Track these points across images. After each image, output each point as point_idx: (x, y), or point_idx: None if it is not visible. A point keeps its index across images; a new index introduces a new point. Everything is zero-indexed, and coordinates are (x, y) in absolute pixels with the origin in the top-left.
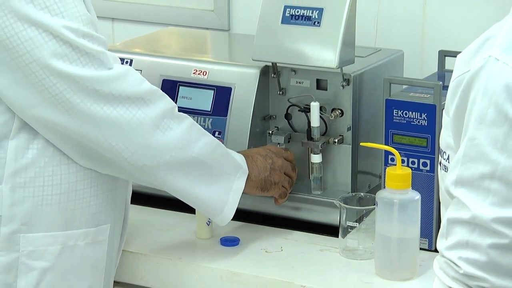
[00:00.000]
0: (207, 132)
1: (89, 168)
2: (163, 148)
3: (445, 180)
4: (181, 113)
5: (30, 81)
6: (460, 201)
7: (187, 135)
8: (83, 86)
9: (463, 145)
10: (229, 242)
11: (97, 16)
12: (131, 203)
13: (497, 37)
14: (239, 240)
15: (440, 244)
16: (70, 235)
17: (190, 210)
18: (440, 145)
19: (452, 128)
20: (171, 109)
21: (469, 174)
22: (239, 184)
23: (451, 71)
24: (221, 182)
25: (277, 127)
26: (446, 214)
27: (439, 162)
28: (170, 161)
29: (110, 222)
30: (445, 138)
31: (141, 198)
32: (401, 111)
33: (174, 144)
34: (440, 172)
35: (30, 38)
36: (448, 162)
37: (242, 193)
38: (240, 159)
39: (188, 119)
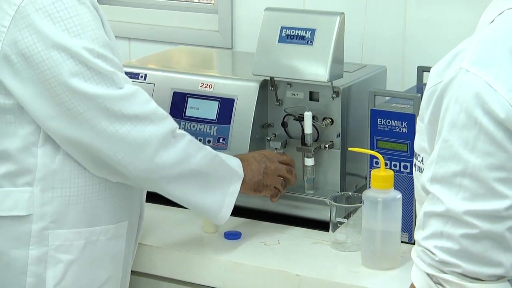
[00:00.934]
0: (205, 146)
1: (101, 177)
2: (165, 164)
3: (421, 178)
4: (181, 131)
5: (49, 95)
6: (435, 196)
7: (187, 150)
8: (95, 103)
9: (437, 146)
10: (232, 236)
11: (116, 36)
12: (146, 201)
13: (467, 51)
14: (241, 234)
15: (417, 234)
16: (92, 231)
17: None
18: (415, 149)
19: (427, 133)
20: (174, 129)
21: (443, 172)
22: (235, 188)
23: None
24: (218, 187)
25: (275, 134)
26: (423, 208)
27: (414, 164)
28: (171, 174)
29: (128, 219)
30: (420, 142)
31: (156, 197)
32: (384, 120)
33: (176, 160)
34: (415, 173)
35: (50, 56)
36: (422, 164)
37: (238, 193)
38: (236, 164)
39: (188, 136)
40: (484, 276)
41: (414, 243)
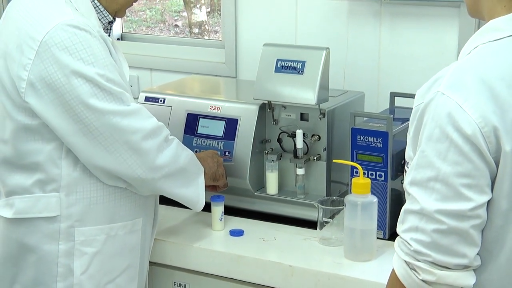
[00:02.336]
0: (185, 146)
1: (112, 185)
2: (163, 164)
3: (404, 182)
4: (171, 136)
5: (69, 114)
6: (413, 197)
7: (176, 151)
8: (108, 118)
9: (416, 155)
10: (236, 233)
11: (139, 67)
12: (166, 204)
13: (444, 78)
14: (243, 231)
15: (398, 228)
16: (112, 227)
17: (207, 209)
18: (405, 158)
19: (412, 144)
20: (167, 136)
21: (420, 177)
22: (202, 179)
23: (399, 108)
24: (193, 180)
25: (272, 148)
26: (403, 206)
27: (404, 170)
28: (167, 173)
29: (142, 217)
30: (408, 152)
31: (172, 200)
32: (363, 137)
33: (169, 160)
34: (405, 177)
35: (69, 82)
36: (408, 169)
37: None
38: (197, 160)
39: (175, 140)
40: (451, 265)
41: (388, 239)
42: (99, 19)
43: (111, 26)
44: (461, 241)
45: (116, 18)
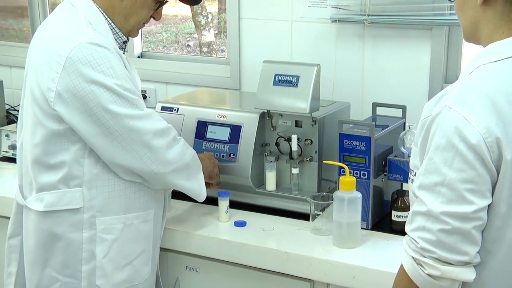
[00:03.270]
0: (189, 145)
1: (128, 180)
2: (173, 159)
3: (412, 187)
4: (178, 136)
5: (92, 119)
6: (421, 199)
7: (182, 149)
8: (126, 121)
9: (424, 162)
10: (240, 224)
11: (156, 81)
12: (178, 199)
13: (451, 93)
14: (246, 223)
15: (407, 227)
16: (128, 217)
17: (215, 203)
18: (410, 166)
19: (419, 153)
20: (175, 135)
21: (427, 182)
22: (201, 174)
23: (380, 116)
24: (195, 175)
25: (270, 151)
26: (412, 208)
27: (409, 177)
28: (176, 168)
29: (154, 208)
30: (413, 161)
31: (184, 195)
32: (349, 141)
33: (178, 156)
34: (410, 184)
35: (92, 91)
36: (414, 176)
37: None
38: (198, 159)
39: (182, 139)
40: (454, 262)
41: (371, 229)
42: (115, 39)
43: (125, 45)
44: (464, 240)
45: (130, 38)
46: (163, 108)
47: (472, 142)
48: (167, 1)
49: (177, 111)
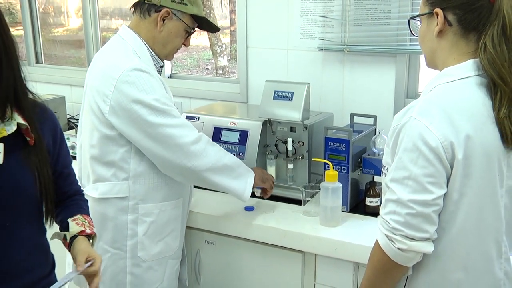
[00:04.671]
0: (228, 152)
1: (171, 177)
2: (208, 159)
3: (385, 179)
4: (212, 142)
5: (137, 128)
6: (392, 190)
7: (219, 152)
8: (164, 129)
9: (395, 161)
10: (249, 208)
11: (182, 96)
12: (202, 189)
13: (415, 107)
14: (254, 208)
15: (381, 211)
16: (163, 204)
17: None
18: (383, 162)
19: (391, 153)
20: (208, 140)
21: (397, 176)
22: (251, 179)
23: (356, 123)
24: (241, 178)
25: (271, 150)
26: (385, 196)
27: (382, 171)
28: (212, 167)
29: (182, 198)
30: (385, 159)
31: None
32: (332, 143)
33: (212, 157)
34: (383, 177)
35: (134, 106)
36: (386, 171)
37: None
38: (250, 168)
39: (217, 145)
40: (417, 238)
41: (349, 212)
42: (154, 64)
43: (162, 69)
44: (425, 221)
45: (165, 62)
46: (187, 117)
47: (432, 145)
48: (195, 31)
49: (198, 119)
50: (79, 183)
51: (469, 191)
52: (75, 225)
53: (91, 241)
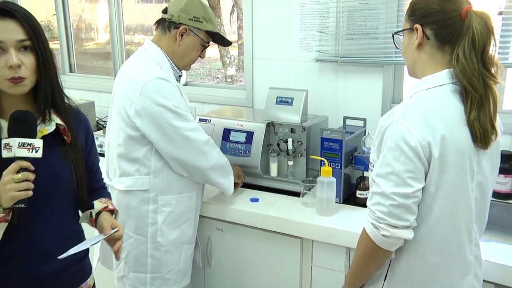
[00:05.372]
0: (222, 153)
1: (178, 173)
2: (211, 159)
3: (371, 174)
4: (214, 144)
5: (158, 129)
6: (377, 184)
7: (219, 154)
8: (181, 131)
9: (380, 158)
10: (254, 200)
11: (196, 101)
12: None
13: (398, 111)
14: (258, 199)
15: (368, 203)
16: (180, 196)
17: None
18: (370, 159)
19: (376, 151)
20: (213, 142)
21: (382, 172)
22: (232, 177)
23: (349, 125)
24: (228, 175)
25: (273, 149)
26: (371, 189)
27: (369, 167)
28: (214, 166)
29: (196, 191)
30: (372, 157)
31: None
32: (327, 142)
33: (216, 157)
34: (370, 172)
35: (158, 110)
36: (373, 167)
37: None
38: (230, 166)
39: (217, 147)
40: (399, 226)
41: (342, 203)
42: (174, 74)
43: (180, 78)
44: (406, 211)
45: (183, 71)
46: (200, 120)
47: (412, 144)
48: (209, 45)
49: (210, 122)
50: (104, 180)
51: (444, 185)
52: (99, 203)
53: (113, 216)
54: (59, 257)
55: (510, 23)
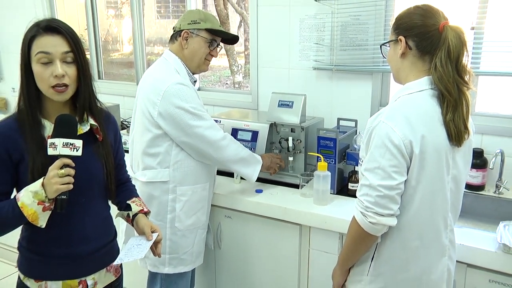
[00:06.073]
0: (244, 147)
1: (199, 161)
2: (229, 153)
3: (360, 169)
4: (235, 140)
5: (179, 128)
6: (366, 177)
7: (238, 148)
8: (198, 129)
9: (368, 155)
10: (258, 191)
11: (208, 104)
12: (222, 175)
13: (383, 113)
14: (262, 190)
15: (357, 193)
16: (195, 187)
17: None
18: (360, 156)
19: (365, 148)
20: (231, 138)
21: (370, 167)
22: (258, 166)
23: (342, 125)
24: (252, 166)
25: (275, 146)
26: (360, 182)
27: (359, 163)
28: (232, 158)
29: (209, 182)
30: (361, 153)
31: (226, 173)
32: (323, 140)
33: (234, 151)
34: (359, 167)
35: (179, 111)
36: (362, 162)
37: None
38: (258, 158)
39: (238, 142)
40: (384, 214)
41: (336, 194)
42: (190, 79)
43: (195, 83)
44: (390, 201)
45: (197, 77)
46: None
47: (396, 142)
48: (218, 43)
49: (220, 122)
50: (128, 172)
51: (423, 178)
52: (135, 205)
53: (147, 216)
54: (114, 263)
55: (481, 37)
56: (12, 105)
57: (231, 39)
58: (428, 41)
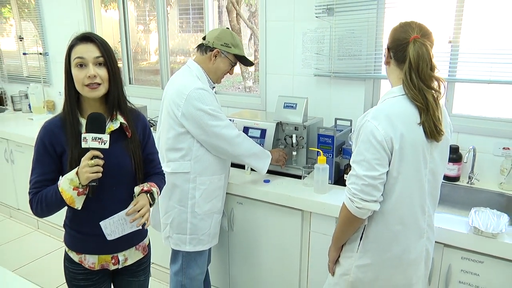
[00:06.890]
0: (256, 143)
1: (216, 155)
2: (242, 148)
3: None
4: (248, 137)
5: (199, 127)
6: (353, 168)
7: (250, 144)
8: (216, 128)
9: (356, 149)
10: (266, 181)
11: (223, 106)
12: (234, 167)
13: (370, 113)
14: (269, 180)
15: (346, 182)
16: (213, 177)
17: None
18: (352, 149)
19: (354, 144)
20: (245, 136)
21: (356, 159)
22: (268, 160)
23: (339, 125)
24: (262, 160)
25: (281, 142)
26: (349, 172)
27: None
28: (245, 153)
29: (225, 173)
30: (352, 148)
31: (238, 165)
32: (323, 137)
33: (247, 147)
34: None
35: (200, 113)
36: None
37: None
38: (268, 153)
39: (251, 140)
40: (369, 200)
41: (334, 184)
42: (209, 85)
43: (214, 89)
44: (374, 189)
45: (216, 84)
46: None
47: (379, 139)
48: (236, 64)
49: (233, 121)
50: (161, 169)
51: (403, 170)
52: (137, 188)
53: (148, 195)
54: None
55: (457, 49)
56: (58, 106)
57: (249, 63)
58: (400, 53)
